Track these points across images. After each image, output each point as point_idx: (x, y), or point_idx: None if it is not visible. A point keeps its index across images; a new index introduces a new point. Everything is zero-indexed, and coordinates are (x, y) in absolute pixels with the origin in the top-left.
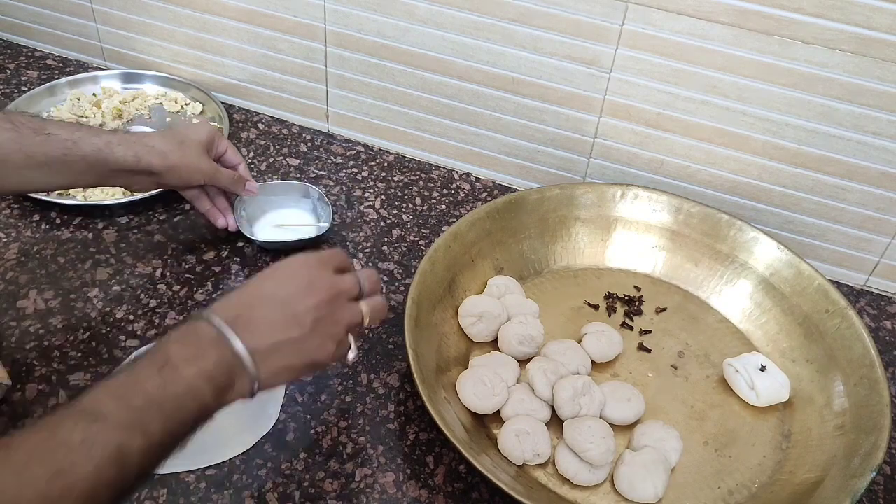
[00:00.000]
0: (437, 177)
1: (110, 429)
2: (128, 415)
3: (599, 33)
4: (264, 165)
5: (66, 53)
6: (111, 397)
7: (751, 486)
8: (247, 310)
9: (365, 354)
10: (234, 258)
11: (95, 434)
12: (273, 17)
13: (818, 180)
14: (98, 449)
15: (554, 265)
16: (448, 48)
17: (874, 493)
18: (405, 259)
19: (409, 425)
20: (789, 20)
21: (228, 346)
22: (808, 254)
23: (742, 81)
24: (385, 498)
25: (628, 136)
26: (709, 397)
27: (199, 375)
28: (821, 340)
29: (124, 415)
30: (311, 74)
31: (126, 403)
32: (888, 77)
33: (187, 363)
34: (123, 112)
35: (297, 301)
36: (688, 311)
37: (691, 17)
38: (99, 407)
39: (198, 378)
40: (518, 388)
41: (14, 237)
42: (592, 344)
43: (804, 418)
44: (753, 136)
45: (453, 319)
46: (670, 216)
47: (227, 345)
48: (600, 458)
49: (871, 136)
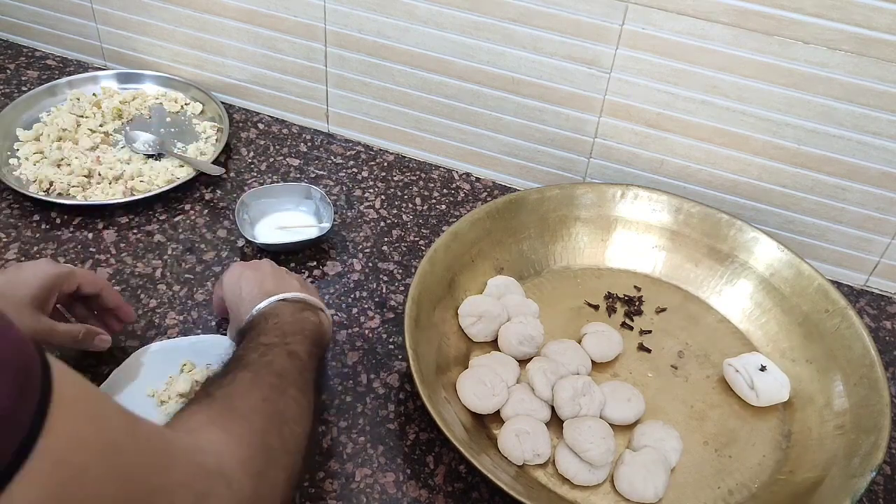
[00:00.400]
0: (437, 177)
1: (278, 345)
2: (283, 338)
3: (599, 33)
4: (264, 165)
5: (66, 53)
6: (262, 337)
7: (751, 486)
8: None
9: (365, 354)
10: (233, 258)
11: (267, 350)
12: (273, 17)
13: (818, 180)
14: (279, 355)
15: (554, 265)
16: (448, 48)
17: (874, 493)
18: (405, 259)
19: (409, 425)
20: (789, 20)
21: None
22: (808, 254)
23: (742, 81)
24: (385, 498)
25: (628, 136)
26: (709, 397)
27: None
28: (821, 340)
29: (280, 338)
30: (311, 74)
31: (274, 335)
32: (888, 77)
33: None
34: (123, 112)
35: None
36: (688, 311)
37: (691, 17)
38: (261, 341)
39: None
40: (518, 388)
41: (14, 237)
42: (592, 344)
43: (804, 418)
44: (753, 136)
45: (453, 319)
46: (670, 216)
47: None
48: (600, 458)
49: (871, 136)
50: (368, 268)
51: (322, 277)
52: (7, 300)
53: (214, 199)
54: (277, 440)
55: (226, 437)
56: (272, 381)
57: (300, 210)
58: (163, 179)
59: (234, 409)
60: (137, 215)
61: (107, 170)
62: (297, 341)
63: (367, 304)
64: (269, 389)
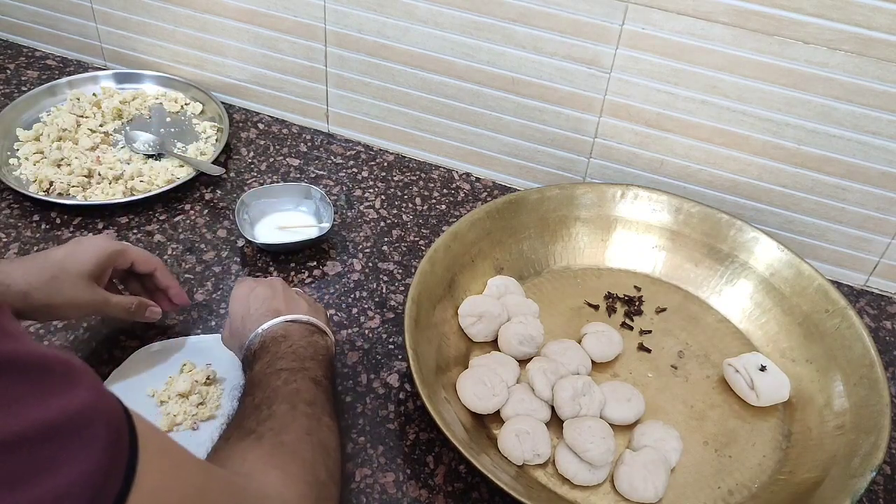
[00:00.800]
0: (437, 177)
1: (298, 370)
2: (301, 363)
3: (599, 33)
4: (264, 165)
5: (66, 53)
6: (280, 362)
7: (751, 486)
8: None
9: (365, 354)
10: (234, 258)
11: (289, 377)
12: (273, 17)
13: (818, 180)
14: (304, 381)
15: (554, 265)
16: (448, 48)
17: (874, 493)
18: (405, 259)
19: (409, 425)
20: (789, 20)
21: (300, 321)
22: (808, 254)
23: (742, 81)
24: (385, 498)
25: (628, 136)
26: (709, 397)
27: (308, 334)
28: (821, 340)
29: (299, 363)
30: (311, 74)
31: (291, 360)
32: (888, 77)
33: (282, 339)
34: (123, 112)
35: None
36: (688, 311)
37: (691, 17)
38: (280, 366)
39: (312, 335)
40: (518, 388)
41: (14, 237)
42: (592, 344)
43: (804, 418)
44: (753, 136)
45: (453, 319)
46: (670, 216)
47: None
48: (600, 458)
49: (871, 136)
50: (368, 268)
51: (322, 277)
52: (67, 272)
53: (214, 199)
54: (325, 472)
55: (283, 477)
56: (307, 410)
57: (300, 210)
58: (163, 179)
59: (284, 445)
60: (137, 215)
61: (107, 170)
62: (314, 366)
63: (367, 304)
64: (308, 420)
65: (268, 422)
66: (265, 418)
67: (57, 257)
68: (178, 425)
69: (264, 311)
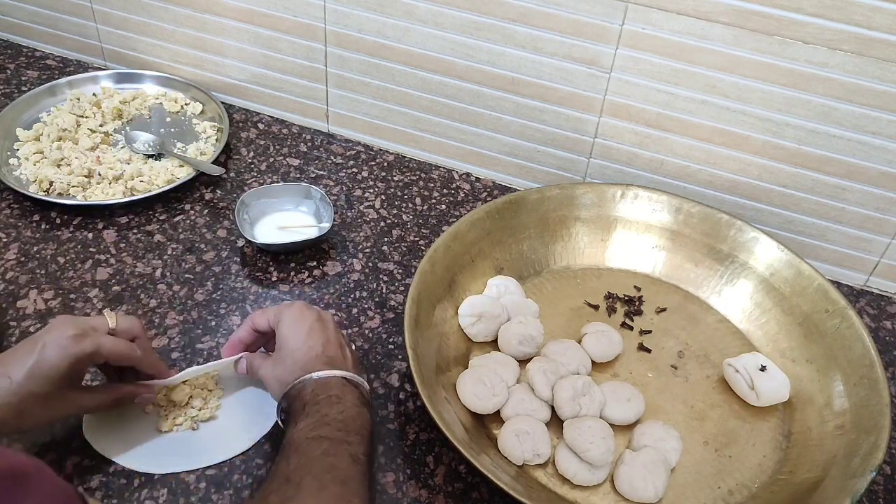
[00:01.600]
0: (437, 177)
1: (340, 442)
2: (346, 435)
3: (599, 33)
4: (264, 165)
5: (66, 53)
6: (325, 429)
7: (751, 486)
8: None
9: (365, 354)
10: (234, 258)
11: (330, 448)
12: (273, 17)
13: (818, 180)
14: (343, 457)
15: (554, 265)
16: (448, 48)
17: (874, 493)
18: (405, 259)
19: (409, 425)
20: (789, 20)
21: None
22: (808, 254)
23: (742, 81)
24: (385, 498)
25: (628, 136)
26: (709, 397)
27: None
28: (821, 340)
29: (343, 434)
30: (311, 74)
31: (337, 429)
32: (888, 77)
33: (336, 400)
34: (123, 112)
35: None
36: (688, 311)
37: (691, 17)
38: (324, 433)
39: (363, 406)
40: (518, 388)
41: (14, 237)
42: (592, 344)
43: (804, 418)
44: (753, 136)
45: (453, 319)
46: (670, 216)
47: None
48: (600, 458)
49: (871, 136)
50: (368, 268)
51: (322, 277)
52: (34, 395)
53: (214, 199)
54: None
55: None
56: (336, 490)
57: (300, 210)
58: (163, 179)
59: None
60: (137, 215)
61: (107, 170)
62: (357, 441)
63: (367, 304)
64: (335, 501)
65: (293, 501)
66: (291, 496)
67: (18, 378)
68: (178, 426)
69: (317, 353)
